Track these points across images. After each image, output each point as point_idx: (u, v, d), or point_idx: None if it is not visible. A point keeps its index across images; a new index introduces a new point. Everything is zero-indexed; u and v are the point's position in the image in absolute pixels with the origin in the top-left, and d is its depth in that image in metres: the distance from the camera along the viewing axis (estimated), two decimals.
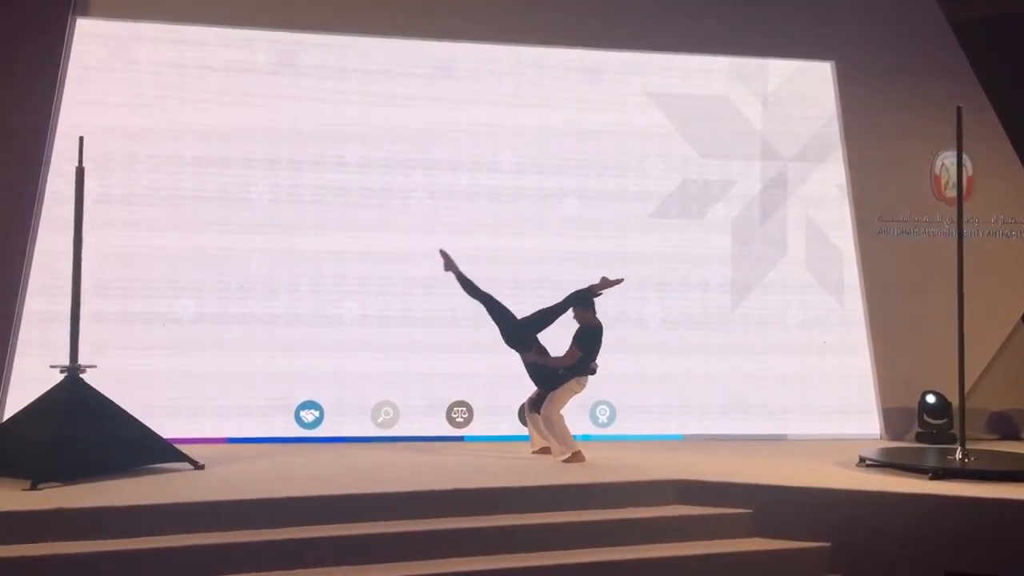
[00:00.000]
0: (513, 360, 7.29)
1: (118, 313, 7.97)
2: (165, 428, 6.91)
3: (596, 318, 7.18)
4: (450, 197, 8.54)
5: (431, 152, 8.55)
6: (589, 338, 7.10)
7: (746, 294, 8.87)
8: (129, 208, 8.06)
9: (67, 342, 6.47)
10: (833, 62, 9.12)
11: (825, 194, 9.04)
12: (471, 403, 8.39)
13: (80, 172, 6.55)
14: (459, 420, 8.41)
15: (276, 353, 8.18)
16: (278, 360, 8.18)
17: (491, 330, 7.27)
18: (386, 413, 8.33)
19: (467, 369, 8.36)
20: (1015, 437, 8.77)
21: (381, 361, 8.31)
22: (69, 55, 8.07)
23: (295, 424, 8.18)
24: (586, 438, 8.25)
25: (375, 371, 8.30)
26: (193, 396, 8.01)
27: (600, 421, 8.55)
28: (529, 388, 7.35)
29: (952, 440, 7.78)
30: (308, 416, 8.23)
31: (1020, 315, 9.02)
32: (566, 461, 6.99)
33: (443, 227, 8.46)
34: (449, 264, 7.44)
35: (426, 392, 8.35)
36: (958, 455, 6.76)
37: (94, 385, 6.47)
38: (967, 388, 7.16)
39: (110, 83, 8.13)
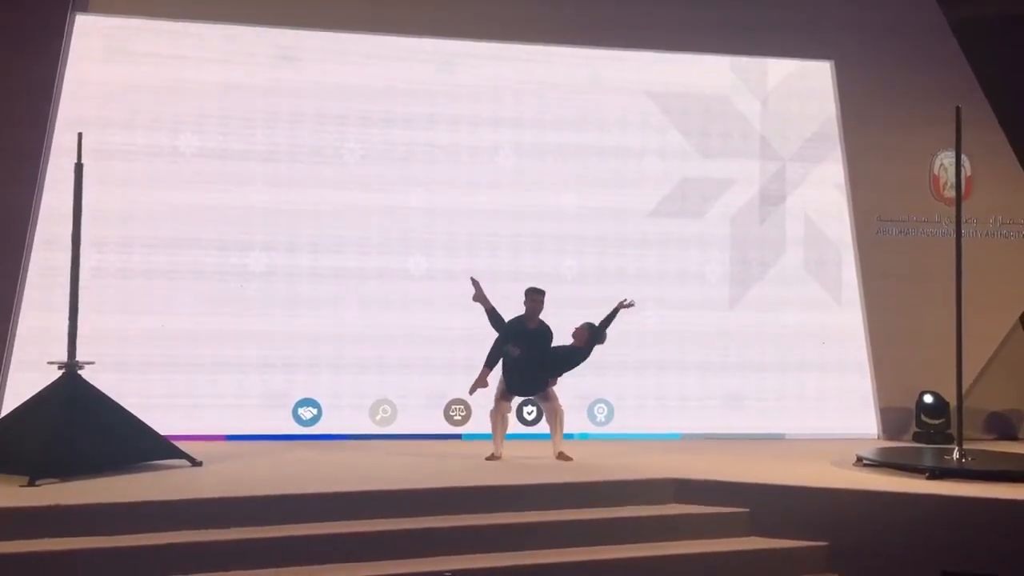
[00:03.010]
0: None
1: (117, 310, 7.95)
2: (163, 425, 6.90)
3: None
4: (449, 200, 8.52)
5: (430, 150, 8.54)
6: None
7: (744, 293, 8.87)
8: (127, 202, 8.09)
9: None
10: (832, 61, 9.13)
11: (824, 193, 9.05)
12: (469, 401, 8.39)
13: (79, 168, 6.54)
14: (457, 418, 8.41)
15: (274, 350, 8.18)
16: (276, 357, 8.19)
17: (490, 329, 7.25)
18: (384, 411, 8.33)
19: (465, 367, 8.33)
20: (1012, 437, 8.78)
21: (379, 359, 8.32)
22: (70, 44, 8.07)
23: (293, 421, 8.19)
24: (584, 437, 8.27)
25: (373, 369, 8.30)
26: (191, 393, 8.01)
27: (598, 420, 8.54)
28: None
29: (949, 440, 7.80)
30: (306, 414, 8.23)
31: (1018, 315, 9.03)
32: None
33: (440, 230, 8.50)
34: (479, 295, 7.21)
35: (424, 390, 8.35)
36: (955, 455, 6.77)
37: (92, 382, 6.47)
38: (965, 388, 7.17)
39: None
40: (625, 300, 7.07)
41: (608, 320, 7.06)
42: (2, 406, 7.57)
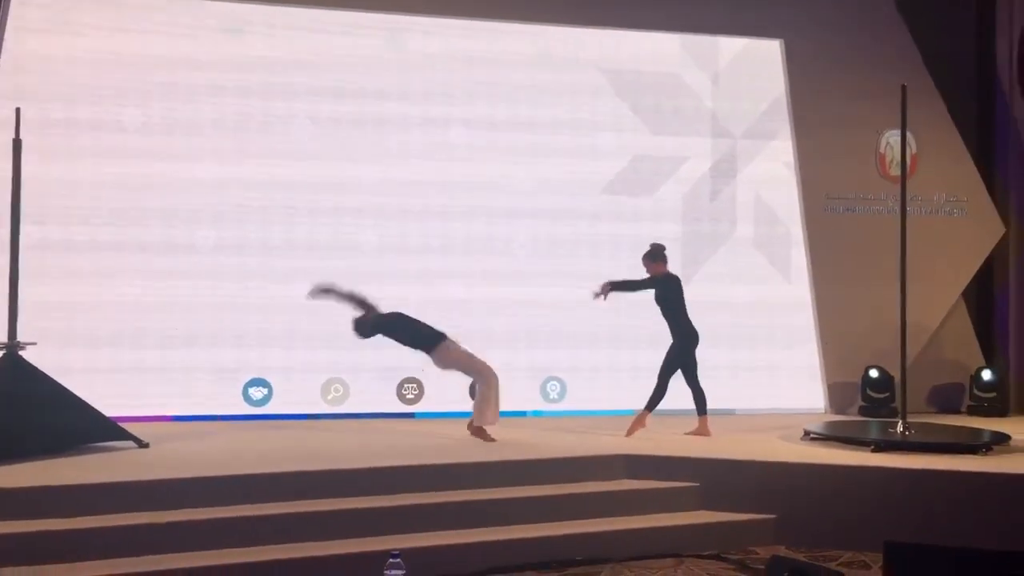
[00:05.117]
0: None
1: (62, 291, 7.77)
2: (108, 406, 6.78)
3: None
4: (400, 173, 8.44)
5: (380, 127, 8.45)
6: None
7: (696, 271, 8.92)
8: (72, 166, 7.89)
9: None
10: (782, 40, 9.17)
11: (774, 171, 9.12)
12: (421, 380, 8.37)
13: (17, 145, 6.38)
14: (409, 396, 8.39)
15: (224, 328, 8.07)
16: (226, 336, 8.08)
17: (441, 307, 7.24)
18: (336, 390, 8.28)
19: None
20: (955, 410, 8.98)
21: (331, 337, 8.21)
22: (7, 15, 7.83)
23: (243, 401, 8.10)
24: (537, 414, 8.29)
25: (325, 348, 8.21)
26: (137, 373, 7.87)
27: (551, 397, 8.57)
28: None
29: (894, 414, 7.94)
30: (256, 393, 8.14)
31: (960, 291, 9.21)
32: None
33: (394, 209, 8.41)
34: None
35: (376, 369, 8.29)
36: (899, 428, 6.91)
37: (34, 362, 6.33)
38: (909, 363, 7.32)
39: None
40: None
41: None
42: None
